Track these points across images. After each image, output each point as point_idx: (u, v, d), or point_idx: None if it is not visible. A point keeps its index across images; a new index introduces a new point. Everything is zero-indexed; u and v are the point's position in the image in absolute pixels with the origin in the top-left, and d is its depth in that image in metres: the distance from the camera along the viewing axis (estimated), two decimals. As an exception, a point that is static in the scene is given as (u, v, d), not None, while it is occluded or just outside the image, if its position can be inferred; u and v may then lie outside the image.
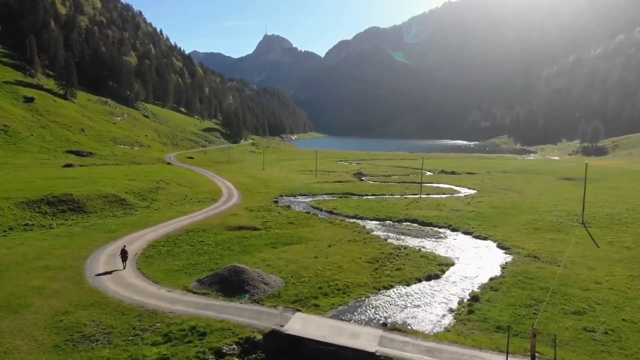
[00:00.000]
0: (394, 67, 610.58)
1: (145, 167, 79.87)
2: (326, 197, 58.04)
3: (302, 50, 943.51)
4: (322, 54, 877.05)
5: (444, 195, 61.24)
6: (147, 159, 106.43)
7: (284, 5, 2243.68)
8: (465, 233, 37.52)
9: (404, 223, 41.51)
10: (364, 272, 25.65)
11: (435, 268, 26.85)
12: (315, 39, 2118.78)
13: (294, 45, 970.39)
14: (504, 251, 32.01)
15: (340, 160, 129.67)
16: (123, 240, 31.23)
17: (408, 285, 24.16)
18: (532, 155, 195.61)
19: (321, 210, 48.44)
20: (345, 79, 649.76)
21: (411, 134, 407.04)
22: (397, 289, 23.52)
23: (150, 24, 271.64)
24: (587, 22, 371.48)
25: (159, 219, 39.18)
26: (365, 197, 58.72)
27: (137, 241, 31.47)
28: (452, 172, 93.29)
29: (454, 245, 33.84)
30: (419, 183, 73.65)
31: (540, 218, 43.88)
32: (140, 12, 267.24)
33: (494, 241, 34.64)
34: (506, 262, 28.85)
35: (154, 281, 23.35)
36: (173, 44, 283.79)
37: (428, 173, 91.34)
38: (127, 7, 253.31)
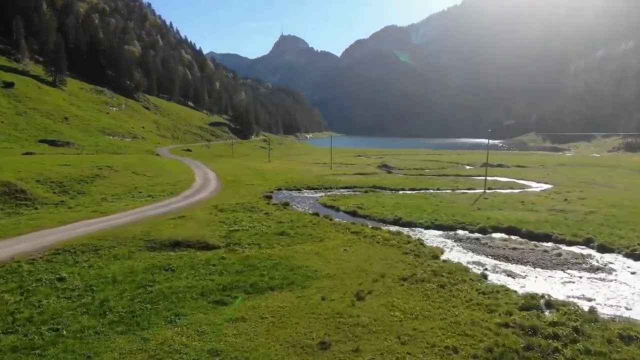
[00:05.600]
0: (410, 66, 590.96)
1: (103, 156, 63.14)
2: (345, 192, 39.48)
3: (318, 51, 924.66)
4: (338, 53, 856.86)
5: (514, 190, 43.14)
6: (133, 151, 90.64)
7: (300, 6, 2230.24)
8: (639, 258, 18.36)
9: (493, 234, 22.56)
10: None
11: None
12: (332, 38, 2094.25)
13: (310, 46, 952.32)
14: None
15: (359, 156, 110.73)
16: None
17: None
18: (567, 152, 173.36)
19: (338, 210, 29.81)
20: (360, 79, 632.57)
21: (429, 133, 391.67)
22: None
23: (159, 16, 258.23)
24: (606, 19, 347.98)
25: (41, 225, 21.48)
26: (401, 191, 40.08)
27: None
28: (499, 165, 77.17)
29: (647, 291, 14.84)
30: (465, 176, 57.02)
31: None
32: (149, 4, 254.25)
33: None
34: None
35: None
36: (183, 37, 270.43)
37: (467, 167, 76.12)
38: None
